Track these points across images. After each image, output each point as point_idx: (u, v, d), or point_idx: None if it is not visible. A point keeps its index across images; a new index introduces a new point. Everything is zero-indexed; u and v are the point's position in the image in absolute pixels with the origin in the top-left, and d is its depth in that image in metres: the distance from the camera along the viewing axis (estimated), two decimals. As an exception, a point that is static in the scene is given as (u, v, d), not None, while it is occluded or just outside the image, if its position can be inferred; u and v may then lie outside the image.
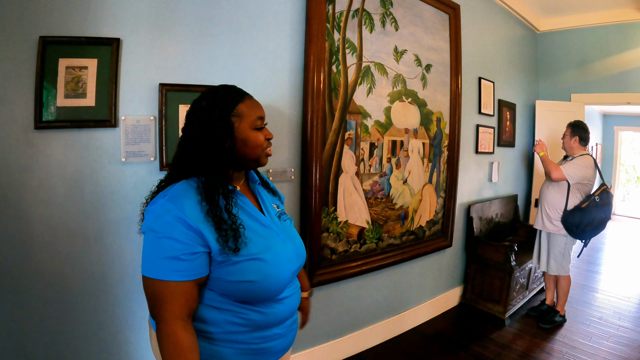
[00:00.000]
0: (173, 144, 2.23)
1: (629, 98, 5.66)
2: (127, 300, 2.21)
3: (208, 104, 1.34)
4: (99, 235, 2.10)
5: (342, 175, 2.93)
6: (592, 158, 3.98)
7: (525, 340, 3.91)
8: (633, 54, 5.48)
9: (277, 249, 1.38)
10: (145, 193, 2.15)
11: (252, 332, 1.34)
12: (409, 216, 3.59)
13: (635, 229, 10.25)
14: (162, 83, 2.20)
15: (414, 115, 3.52)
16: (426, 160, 3.72)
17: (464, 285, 4.68)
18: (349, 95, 2.93)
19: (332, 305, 3.17)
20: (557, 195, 4.01)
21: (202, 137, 1.32)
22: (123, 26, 2.09)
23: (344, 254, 3.05)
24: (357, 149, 3.03)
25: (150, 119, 2.18)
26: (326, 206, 2.86)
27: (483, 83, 4.66)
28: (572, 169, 3.87)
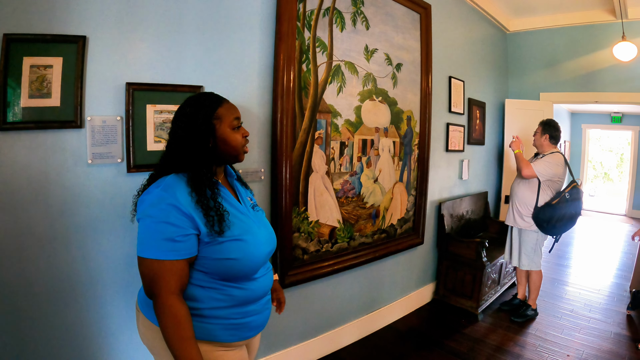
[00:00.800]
0: (140, 144, 2.24)
1: (596, 97, 5.87)
2: (99, 304, 2.20)
3: (192, 110, 1.56)
4: (67, 239, 2.09)
5: (313, 175, 2.98)
6: (562, 156, 4.13)
7: (498, 334, 4.03)
8: (601, 54, 5.67)
9: (254, 232, 1.60)
10: (113, 195, 2.18)
11: (233, 308, 1.56)
12: (380, 215, 3.67)
13: (603, 223, 10.62)
14: (129, 82, 2.19)
15: (384, 114, 3.59)
16: (397, 158, 3.81)
17: (436, 281, 4.80)
18: (319, 94, 2.98)
19: (306, 305, 3.23)
20: (527, 192, 4.14)
21: (189, 138, 1.53)
22: (89, 23, 2.06)
23: (315, 254, 3.10)
24: (328, 148, 3.08)
25: (116, 119, 2.17)
26: (297, 206, 2.90)
27: (453, 82, 4.79)
28: (542, 166, 4.01)
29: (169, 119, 2.31)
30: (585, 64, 5.87)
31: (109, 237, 2.20)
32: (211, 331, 1.53)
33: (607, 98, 5.82)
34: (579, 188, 4.08)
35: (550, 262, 6.56)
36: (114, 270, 2.23)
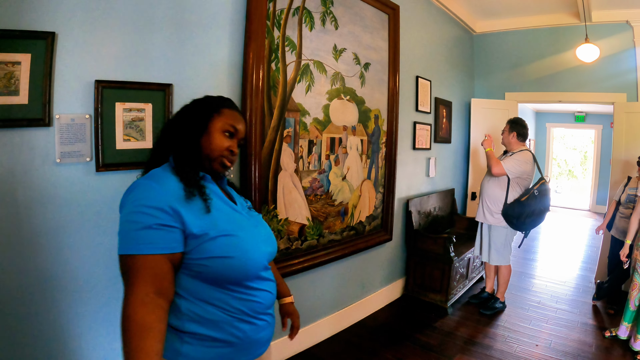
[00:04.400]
0: (110, 143, 2.25)
1: (560, 97, 6.12)
2: (69, 307, 2.19)
3: (195, 104, 1.56)
4: (35, 240, 2.07)
5: (282, 173, 3.06)
6: (530, 153, 4.29)
7: (468, 327, 4.18)
8: (565, 56, 5.91)
9: (249, 229, 1.47)
10: (82, 195, 2.19)
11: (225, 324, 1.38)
12: (349, 212, 3.78)
13: (568, 218, 11.04)
14: (98, 80, 2.18)
15: (352, 113, 3.70)
16: (365, 156, 3.92)
17: (405, 277, 4.95)
18: (288, 92, 3.06)
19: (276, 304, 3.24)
20: (497, 189, 4.29)
21: (184, 126, 1.48)
22: (58, 20, 2.05)
23: (285, 252, 3.18)
24: (296, 146, 3.17)
25: (85, 117, 2.16)
26: (266, 204, 2.97)
27: (420, 81, 4.94)
28: (511, 164, 4.16)
29: (138, 117, 2.33)
30: (549, 65, 6.10)
31: (78, 237, 2.19)
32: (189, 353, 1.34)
33: (570, 97, 6.06)
34: (547, 185, 4.24)
35: (517, 256, 6.77)
36: (84, 270, 2.22)
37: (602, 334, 4.01)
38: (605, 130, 11.22)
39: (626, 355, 3.62)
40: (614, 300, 4.62)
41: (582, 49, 5.28)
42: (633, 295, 3.71)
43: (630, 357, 3.58)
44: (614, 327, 3.99)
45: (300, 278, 3.41)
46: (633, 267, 3.78)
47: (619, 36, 5.45)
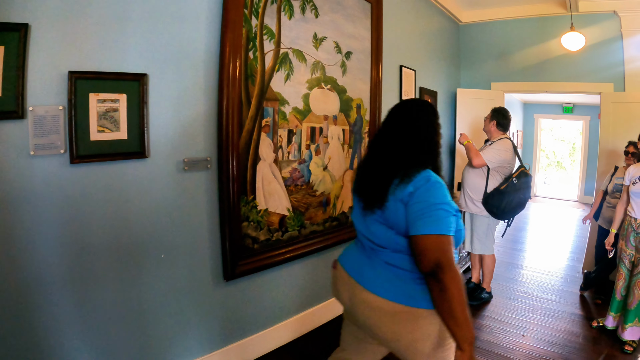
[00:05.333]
0: (84, 134, 2.23)
1: (546, 87, 6.13)
2: (45, 304, 2.17)
3: (433, 117, 1.90)
4: (9, 235, 2.05)
5: (260, 163, 3.05)
6: (510, 142, 4.29)
7: None
8: (551, 46, 5.90)
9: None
10: (57, 188, 2.16)
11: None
12: (331, 202, 3.79)
13: (556, 209, 11.11)
14: (71, 71, 2.16)
15: (333, 102, 3.70)
16: (347, 146, 3.92)
17: None
18: (266, 82, 3.05)
19: (259, 295, 3.29)
20: (477, 178, 4.29)
21: (432, 139, 1.86)
22: (31, 11, 2.03)
23: (266, 243, 3.18)
24: (275, 136, 3.16)
25: (59, 108, 2.14)
26: (245, 195, 2.97)
27: (404, 71, 4.94)
28: (491, 153, 4.16)
29: (112, 107, 2.32)
30: (536, 55, 6.10)
31: (53, 231, 2.18)
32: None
33: (557, 87, 6.08)
34: (527, 173, 4.25)
35: (504, 246, 6.82)
36: (59, 266, 2.21)
37: (589, 324, 4.03)
38: (593, 122, 11.25)
39: (614, 345, 3.64)
40: (602, 290, 4.63)
41: (567, 37, 5.28)
42: (619, 285, 3.72)
43: (618, 346, 3.60)
44: (602, 317, 4.00)
45: (281, 270, 3.42)
46: (619, 257, 3.78)
47: (606, 26, 5.44)
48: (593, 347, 3.63)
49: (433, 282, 1.55)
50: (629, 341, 3.56)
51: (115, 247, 2.41)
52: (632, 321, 3.54)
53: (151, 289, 2.60)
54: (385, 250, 1.79)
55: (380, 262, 1.81)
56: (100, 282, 2.36)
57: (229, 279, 2.95)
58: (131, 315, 2.52)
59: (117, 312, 2.44)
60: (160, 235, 2.61)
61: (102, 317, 2.38)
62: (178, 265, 2.72)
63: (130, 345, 2.53)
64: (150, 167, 2.53)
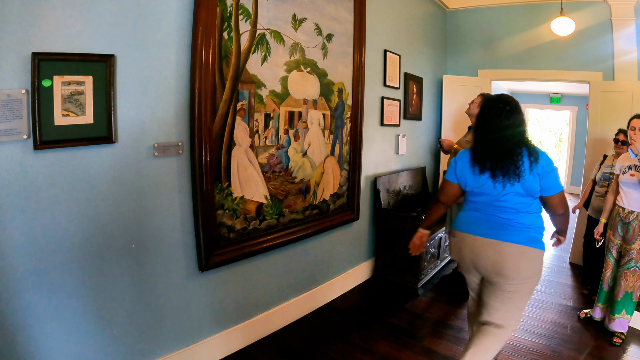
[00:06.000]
0: (47, 119, 2.08)
1: (534, 74, 6.04)
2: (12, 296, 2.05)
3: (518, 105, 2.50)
4: None
5: (235, 149, 2.91)
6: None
7: (439, 308, 4.12)
8: (540, 33, 5.82)
9: None
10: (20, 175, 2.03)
11: None
12: (311, 190, 3.66)
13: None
14: (35, 52, 2.01)
15: (313, 86, 3.55)
16: (327, 132, 3.79)
17: (375, 258, 4.87)
18: (242, 63, 2.89)
19: (237, 286, 3.18)
20: None
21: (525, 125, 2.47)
22: None
23: (242, 232, 3.05)
24: (251, 120, 3.01)
25: (21, 92, 1.99)
26: (219, 182, 2.82)
27: (389, 56, 4.80)
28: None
29: (77, 90, 2.16)
30: (524, 42, 6.01)
31: (17, 220, 2.04)
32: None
33: (545, 75, 6.00)
34: None
35: None
36: (23, 257, 2.07)
37: (577, 315, 3.99)
38: (581, 112, 11.22)
39: (602, 336, 3.59)
40: (588, 281, 4.59)
41: (557, 22, 5.17)
42: (606, 275, 3.68)
43: (606, 338, 3.55)
44: (589, 307, 3.97)
45: (261, 259, 3.30)
46: (606, 247, 3.72)
47: (596, 15, 5.37)
48: (581, 339, 3.58)
49: (562, 217, 2.59)
50: (617, 332, 3.51)
51: (83, 236, 2.26)
52: (619, 312, 3.50)
53: (121, 280, 2.46)
54: (515, 212, 2.43)
55: (511, 221, 2.43)
56: (67, 274, 2.22)
57: (204, 270, 2.82)
58: (101, 307, 2.38)
59: (85, 305, 2.31)
60: (130, 224, 2.46)
61: (70, 310, 2.25)
62: (150, 255, 2.58)
63: (100, 340, 2.40)
64: (119, 153, 2.37)
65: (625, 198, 3.51)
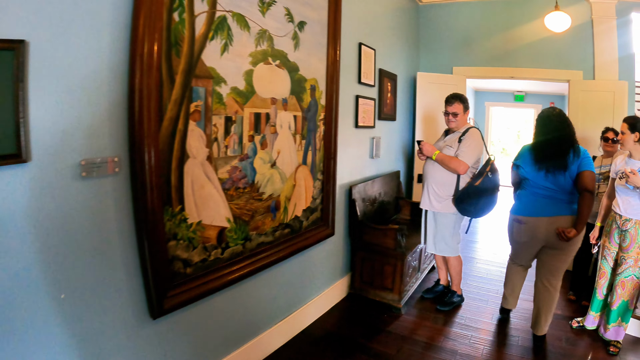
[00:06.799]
0: None
1: (512, 72, 5.88)
2: None
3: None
4: None
5: (189, 162, 2.28)
6: (478, 130, 3.88)
7: (426, 328, 3.80)
8: (517, 29, 5.70)
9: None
10: None
11: None
12: (282, 206, 3.08)
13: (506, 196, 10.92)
14: None
15: (283, 82, 2.97)
16: (299, 136, 3.22)
17: (351, 273, 4.40)
18: (196, 53, 2.27)
19: (200, 329, 2.59)
20: (445, 173, 3.80)
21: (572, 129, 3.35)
22: None
23: (202, 265, 2.44)
24: (208, 125, 2.38)
25: None
26: (169, 205, 2.20)
27: (364, 50, 4.30)
28: (469, 154, 3.72)
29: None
30: (501, 39, 5.84)
31: None
32: None
33: (523, 74, 5.85)
34: (494, 163, 3.85)
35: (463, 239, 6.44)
36: None
37: (569, 324, 3.86)
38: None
39: (598, 347, 3.51)
40: (577, 286, 4.44)
41: (552, 17, 4.93)
42: (601, 283, 3.57)
43: (602, 348, 3.48)
44: (580, 315, 3.91)
45: (226, 293, 2.73)
46: (601, 254, 3.61)
47: (576, 12, 5.19)
48: (577, 351, 3.47)
49: (589, 194, 3.13)
50: (612, 342, 3.44)
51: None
52: (615, 321, 3.42)
53: (51, 344, 1.80)
54: (560, 192, 3.27)
55: (561, 197, 3.28)
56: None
57: (157, 317, 2.19)
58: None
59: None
60: (55, 268, 1.79)
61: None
62: (87, 306, 1.93)
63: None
64: (33, 175, 1.68)
65: (622, 205, 3.33)
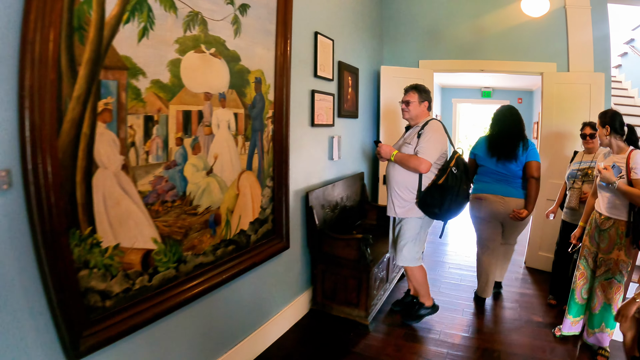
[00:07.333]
0: None
1: (482, 65, 5.71)
2: None
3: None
4: None
5: (99, 173, 1.88)
6: (439, 122, 3.59)
7: (398, 347, 3.54)
8: (487, 18, 5.55)
9: None
10: None
11: None
12: (223, 220, 2.71)
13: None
14: None
15: (219, 74, 2.59)
16: (241, 138, 2.86)
17: (312, 287, 4.06)
18: (106, 39, 1.87)
19: None
20: (406, 174, 3.49)
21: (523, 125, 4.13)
22: None
23: (125, 296, 2.06)
24: (122, 127, 1.98)
25: None
26: (76, 227, 1.80)
27: (320, 39, 3.97)
28: (430, 149, 3.39)
29: None
30: (470, 30, 5.67)
31: None
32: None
33: (495, 66, 5.70)
34: (463, 158, 3.55)
35: (434, 242, 6.47)
36: None
37: (551, 332, 3.72)
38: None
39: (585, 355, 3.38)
40: (556, 290, 4.31)
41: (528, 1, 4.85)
42: (579, 285, 3.45)
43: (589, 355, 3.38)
44: (560, 321, 3.76)
45: (160, 325, 2.33)
46: (580, 254, 3.49)
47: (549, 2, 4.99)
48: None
49: (534, 180, 3.90)
50: (600, 351, 3.33)
51: None
52: (598, 327, 3.31)
53: None
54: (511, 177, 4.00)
55: (511, 183, 4.01)
56: None
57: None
58: None
59: None
60: None
61: None
62: None
63: None
64: None
65: (602, 201, 3.26)
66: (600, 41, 5.12)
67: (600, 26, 5.12)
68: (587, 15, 5.11)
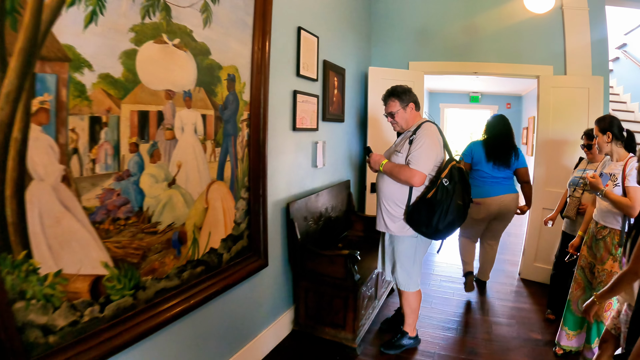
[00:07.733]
0: None
1: (476, 67, 5.59)
2: None
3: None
4: None
5: (33, 186, 1.58)
6: (434, 125, 3.31)
7: None
8: (480, 18, 5.44)
9: None
10: None
11: None
12: (189, 238, 2.41)
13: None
14: None
15: (184, 68, 2.30)
16: (211, 143, 2.57)
17: (295, 306, 3.80)
18: (45, 25, 1.58)
19: None
20: (395, 187, 3.21)
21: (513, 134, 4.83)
22: None
23: (72, 329, 1.77)
24: (63, 130, 1.68)
25: None
26: (7, 251, 1.51)
27: (304, 35, 3.73)
28: (423, 158, 3.06)
29: None
30: (463, 31, 5.54)
31: None
32: None
33: (488, 69, 5.57)
34: (461, 168, 3.20)
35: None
36: None
37: (552, 350, 3.58)
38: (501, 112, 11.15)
39: None
40: (554, 304, 4.16)
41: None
42: (576, 295, 3.38)
43: None
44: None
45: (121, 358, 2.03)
46: (578, 264, 3.42)
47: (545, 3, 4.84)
48: None
49: (528, 184, 4.66)
50: None
51: None
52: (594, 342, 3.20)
53: None
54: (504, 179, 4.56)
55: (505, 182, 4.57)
56: None
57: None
58: None
59: None
60: None
61: None
62: None
63: None
64: None
65: (598, 210, 3.21)
66: (598, 44, 5.04)
67: (598, 28, 5.03)
68: (585, 17, 5.02)
